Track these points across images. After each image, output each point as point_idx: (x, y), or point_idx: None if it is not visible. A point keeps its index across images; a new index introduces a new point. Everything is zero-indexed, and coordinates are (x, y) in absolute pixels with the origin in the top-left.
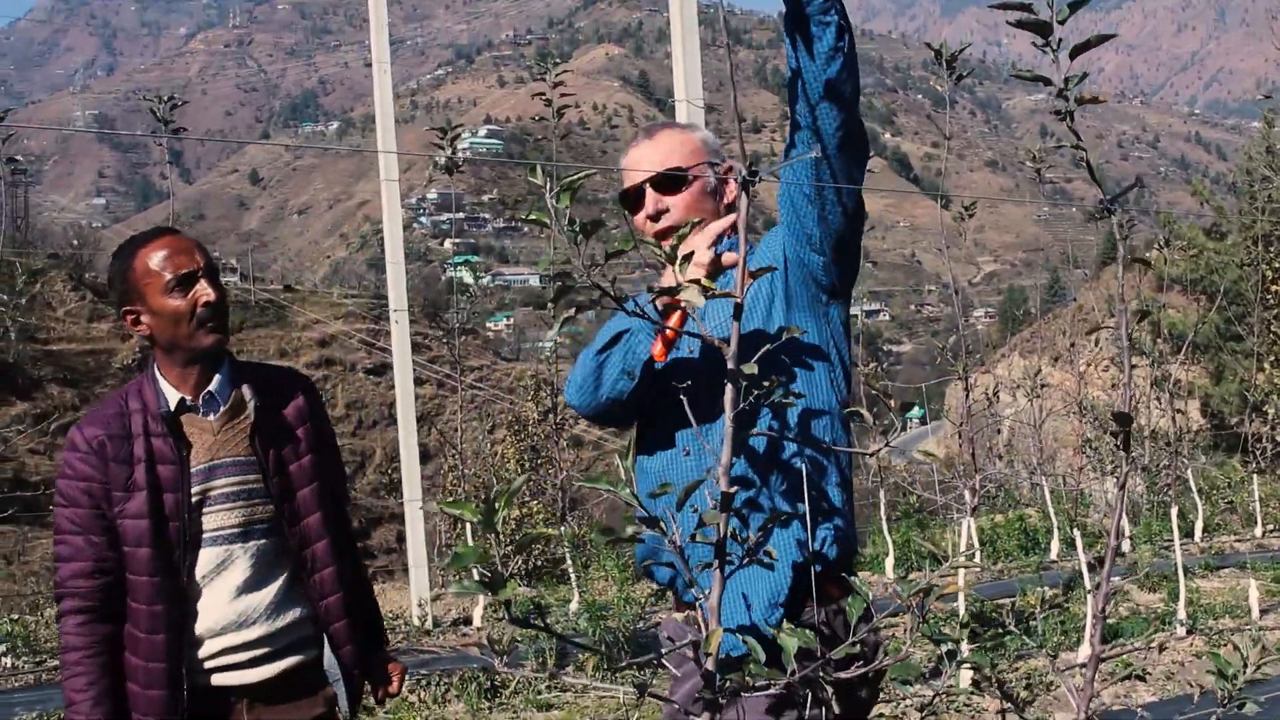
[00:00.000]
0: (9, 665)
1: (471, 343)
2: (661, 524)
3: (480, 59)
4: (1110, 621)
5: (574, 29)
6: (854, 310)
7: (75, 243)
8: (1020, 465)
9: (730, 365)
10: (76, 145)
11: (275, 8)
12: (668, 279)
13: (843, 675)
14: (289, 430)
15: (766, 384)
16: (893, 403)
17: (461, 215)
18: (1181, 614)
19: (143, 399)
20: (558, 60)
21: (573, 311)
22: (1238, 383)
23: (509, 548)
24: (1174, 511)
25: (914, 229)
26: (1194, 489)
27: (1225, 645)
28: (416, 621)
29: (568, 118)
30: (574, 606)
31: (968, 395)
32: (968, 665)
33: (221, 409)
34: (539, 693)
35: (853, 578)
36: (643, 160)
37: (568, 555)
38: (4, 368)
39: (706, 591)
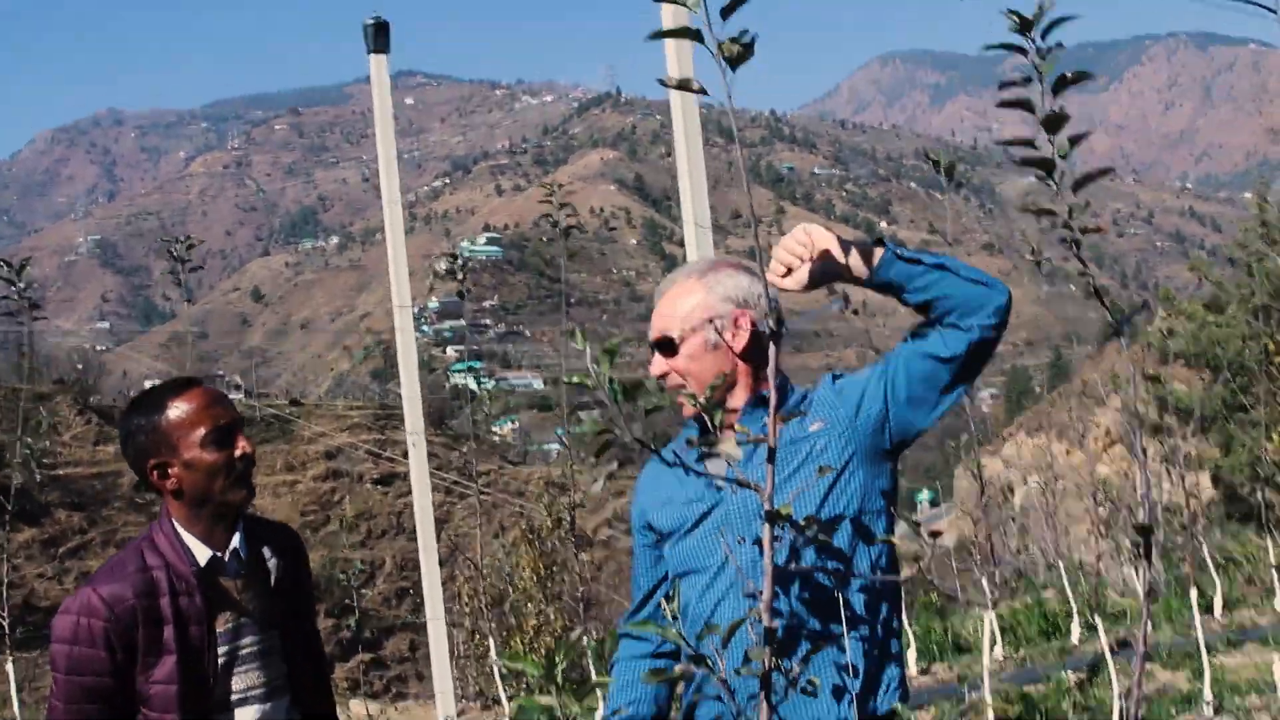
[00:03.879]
0: None
1: (478, 448)
2: (708, 661)
3: (477, 169)
4: None
5: (568, 135)
6: None
7: (80, 366)
8: (1035, 547)
9: (766, 506)
10: (79, 270)
11: (273, 128)
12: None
13: None
14: (296, 588)
15: (804, 523)
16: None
17: (464, 322)
18: (1208, 694)
19: (162, 555)
20: (550, 168)
21: (615, 465)
22: (1246, 453)
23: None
24: (1194, 592)
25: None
26: (1210, 564)
27: None
28: None
29: (565, 221)
30: (599, 717)
31: (983, 491)
32: None
33: (241, 568)
34: None
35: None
36: (656, 319)
37: (591, 664)
38: (12, 494)
39: None
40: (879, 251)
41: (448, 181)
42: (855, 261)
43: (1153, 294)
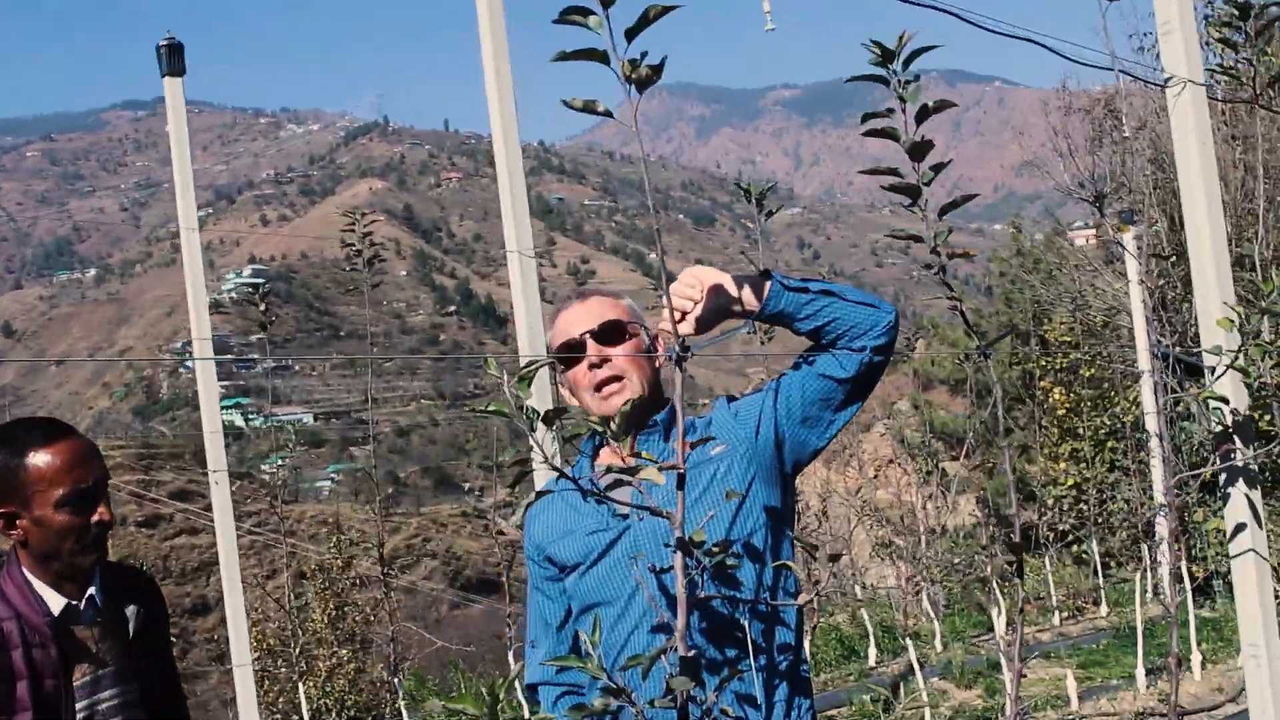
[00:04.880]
0: None
1: (247, 486)
2: (628, 693)
3: (241, 198)
4: None
5: (336, 165)
6: None
7: None
8: (826, 572)
9: (678, 533)
10: None
11: (24, 155)
12: (607, 456)
13: None
14: (155, 636)
15: (717, 550)
16: (819, 553)
17: (230, 357)
18: (1009, 710)
19: (12, 605)
20: (318, 198)
21: (533, 497)
22: (1009, 475)
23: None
24: (994, 612)
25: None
26: (994, 583)
27: None
28: None
29: (331, 254)
30: None
31: (798, 517)
32: None
33: (98, 616)
34: None
35: None
36: (578, 319)
37: (404, 709)
38: None
39: None
40: (766, 284)
41: (210, 212)
42: (745, 295)
43: (911, 321)
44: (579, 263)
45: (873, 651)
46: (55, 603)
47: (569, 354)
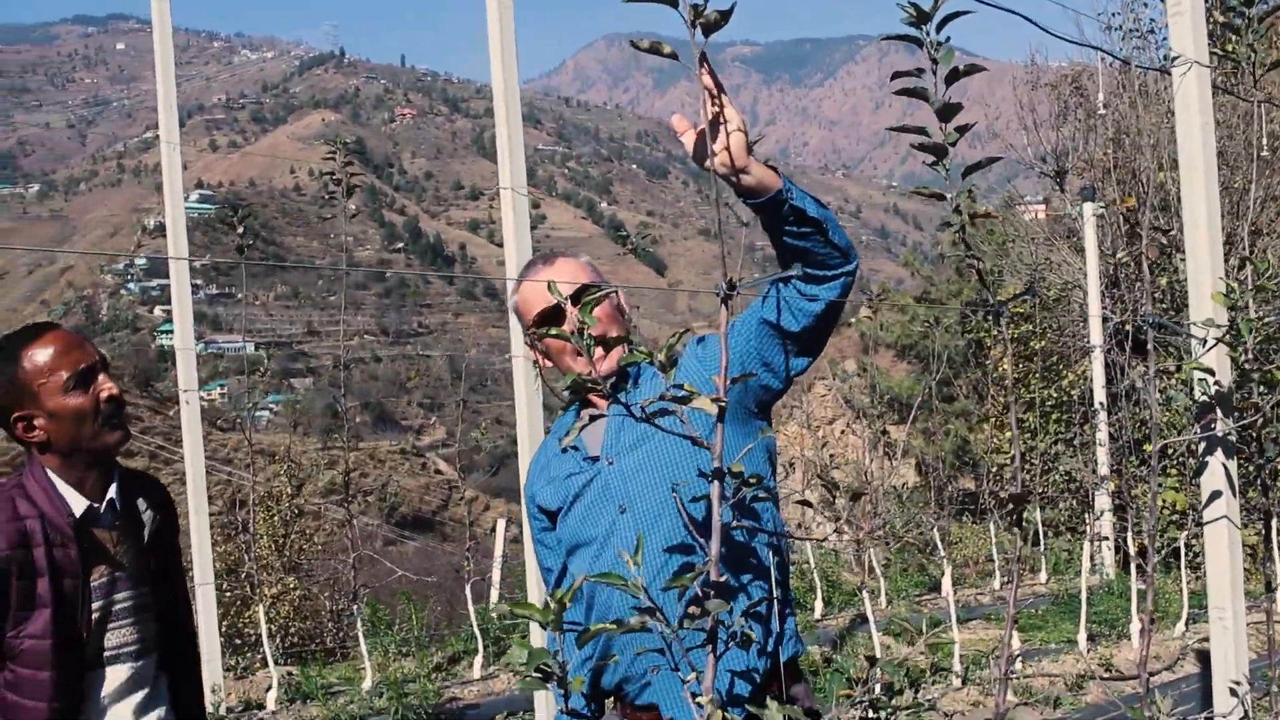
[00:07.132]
0: None
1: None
2: (660, 613)
3: (192, 122)
4: None
5: (289, 94)
6: None
7: None
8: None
9: (716, 464)
10: None
11: None
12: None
13: None
14: (168, 543)
15: (754, 481)
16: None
17: (171, 281)
18: (956, 666)
19: (35, 504)
20: (269, 126)
21: (586, 420)
22: (949, 441)
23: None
24: (947, 571)
25: (630, 293)
26: (940, 546)
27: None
28: (210, 709)
29: (280, 184)
30: (367, 685)
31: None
32: None
33: (116, 519)
34: None
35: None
36: (554, 281)
37: (361, 633)
38: None
39: (700, 674)
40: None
41: (159, 134)
42: (761, 170)
43: (859, 286)
44: (530, 208)
45: (819, 604)
46: (77, 504)
47: (550, 323)
